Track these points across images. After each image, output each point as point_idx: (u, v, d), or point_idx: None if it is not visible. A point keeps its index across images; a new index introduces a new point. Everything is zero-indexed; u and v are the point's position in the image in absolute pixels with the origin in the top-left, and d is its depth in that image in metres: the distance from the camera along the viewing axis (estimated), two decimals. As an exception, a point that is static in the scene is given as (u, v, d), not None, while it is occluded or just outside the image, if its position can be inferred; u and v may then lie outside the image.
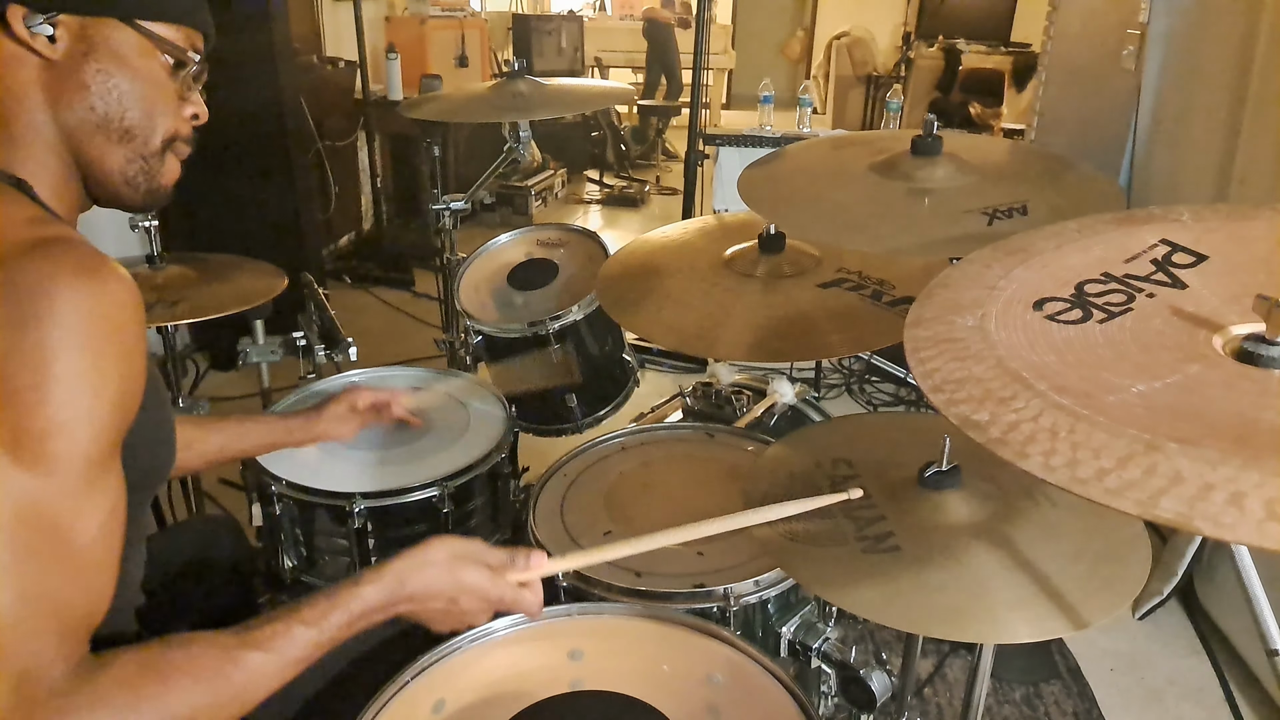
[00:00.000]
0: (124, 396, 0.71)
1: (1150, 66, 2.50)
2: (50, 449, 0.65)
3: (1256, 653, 1.81)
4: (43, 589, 0.66)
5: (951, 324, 0.77)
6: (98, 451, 0.69)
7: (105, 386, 0.69)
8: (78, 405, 0.67)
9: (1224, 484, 0.55)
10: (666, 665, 0.97)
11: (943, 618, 0.90)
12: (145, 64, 0.83)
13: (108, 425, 0.69)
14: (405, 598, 0.84)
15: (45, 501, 0.65)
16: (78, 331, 0.66)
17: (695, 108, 3.24)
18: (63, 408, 0.66)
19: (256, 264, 1.87)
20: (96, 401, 0.68)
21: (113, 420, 0.70)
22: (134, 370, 0.72)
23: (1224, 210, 0.87)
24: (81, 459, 0.67)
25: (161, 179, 0.88)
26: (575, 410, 1.89)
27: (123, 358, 0.70)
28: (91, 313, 0.67)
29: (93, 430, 0.68)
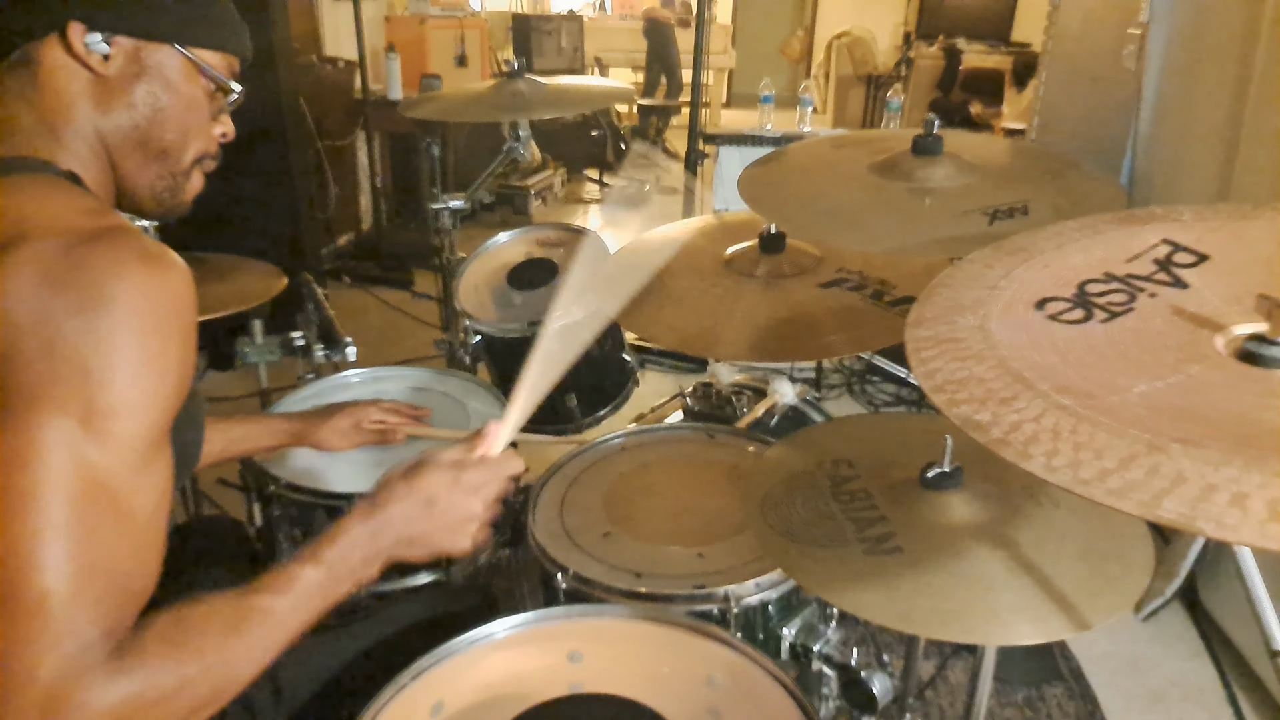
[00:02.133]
0: (181, 381, 0.74)
1: (1151, 66, 2.50)
2: (117, 426, 0.68)
3: (1259, 654, 1.80)
4: (103, 562, 0.68)
5: (953, 324, 0.77)
6: (158, 432, 0.72)
7: (168, 370, 0.72)
8: (144, 386, 0.70)
9: (1227, 485, 0.55)
10: (666, 667, 0.97)
11: (944, 619, 0.90)
12: (189, 88, 0.88)
13: (166, 408, 0.72)
14: (384, 520, 0.84)
15: (110, 475, 0.68)
16: (146, 316, 0.70)
17: (695, 107, 3.23)
18: (130, 388, 0.69)
19: (255, 264, 1.87)
20: (160, 384, 0.71)
21: (170, 403, 0.73)
22: (189, 356, 0.75)
23: (1225, 209, 0.87)
24: (144, 438, 0.70)
25: (185, 195, 0.94)
26: (575, 410, 1.88)
27: (182, 343, 0.73)
28: (158, 299, 0.70)
29: (155, 411, 0.71)
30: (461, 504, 0.87)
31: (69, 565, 0.65)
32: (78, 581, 0.66)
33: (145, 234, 0.74)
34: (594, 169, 6.31)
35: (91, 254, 0.69)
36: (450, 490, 0.87)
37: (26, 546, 0.64)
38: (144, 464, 0.71)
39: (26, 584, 0.64)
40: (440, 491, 0.86)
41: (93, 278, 0.68)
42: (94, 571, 0.67)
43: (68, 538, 0.65)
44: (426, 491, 0.86)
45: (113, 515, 0.68)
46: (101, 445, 0.67)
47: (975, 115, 5.92)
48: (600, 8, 8.86)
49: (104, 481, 0.68)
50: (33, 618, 0.64)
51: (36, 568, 0.64)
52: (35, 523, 0.64)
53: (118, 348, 0.68)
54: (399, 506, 0.85)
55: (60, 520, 0.65)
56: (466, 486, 0.87)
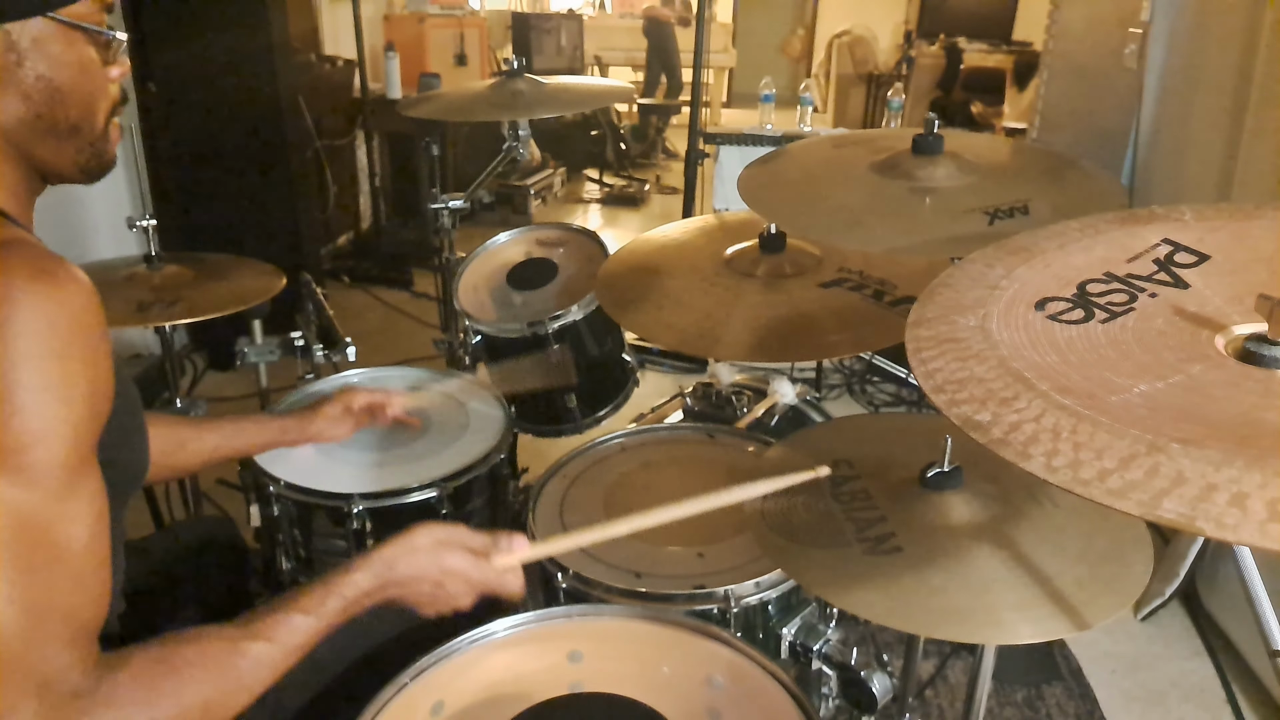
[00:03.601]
0: (95, 399, 0.70)
1: (1152, 65, 2.50)
2: (30, 460, 0.65)
3: (1259, 654, 1.80)
4: (47, 599, 0.66)
5: (953, 324, 0.77)
6: (77, 456, 0.68)
7: (75, 390, 0.68)
8: (51, 413, 0.66)
9: (1227, 485, 0.55)
10: (667, 667, 0.97)
11: (944, 619, 0.90)
12: (74, 52, 0.79)
13: (83, 429, 0.69)
14: (394, 582, 0.88)
15: (33, 512, 0.65)
16: (41, 337, 0.65)
17: (695, 106, 3.23)
18: (36, 417, 0.65)
19: (254, 264, 1.87)
20: (69, 407, 0.67)
21: (87, 424, 0.70)
22: (102, 372, 0.71)
23: (1226, 209, 0.87)
24: (61, 466, 0.67)
25: (109, 154, 0.86)
26: (575, 410, 1.88)
27: (89, 360, 0.69)
28: (53, 317, 0.66)
29: (69, 436, 0.67)
30: (460, 595, 0.92)
31: (12, 609, 0.63)
32: (23, 624, 0.63)
33: (38, 245, 0.69)
34: (594, 168, 6.31)
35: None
36: (462, 581, 0.91)
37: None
38: (70, 491, 0.68)
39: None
40: (453, 579, 0.91)
41: None
42: (42, 610, 0.65)
43: (5, 582, 0.63)
44: (443, 573, 0.90)
45: (47, 550, 0.66)
46: (16, 483, 0.64)
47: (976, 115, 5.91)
48: (600, 6, 8.86)
49: (29, 519, 0.65)
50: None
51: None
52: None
53: (15, 375, 0.63)
54: (412, 575, 0.89)
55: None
56: (475, 583, 0.92)
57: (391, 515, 1.40)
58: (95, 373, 0.70)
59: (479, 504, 1.51)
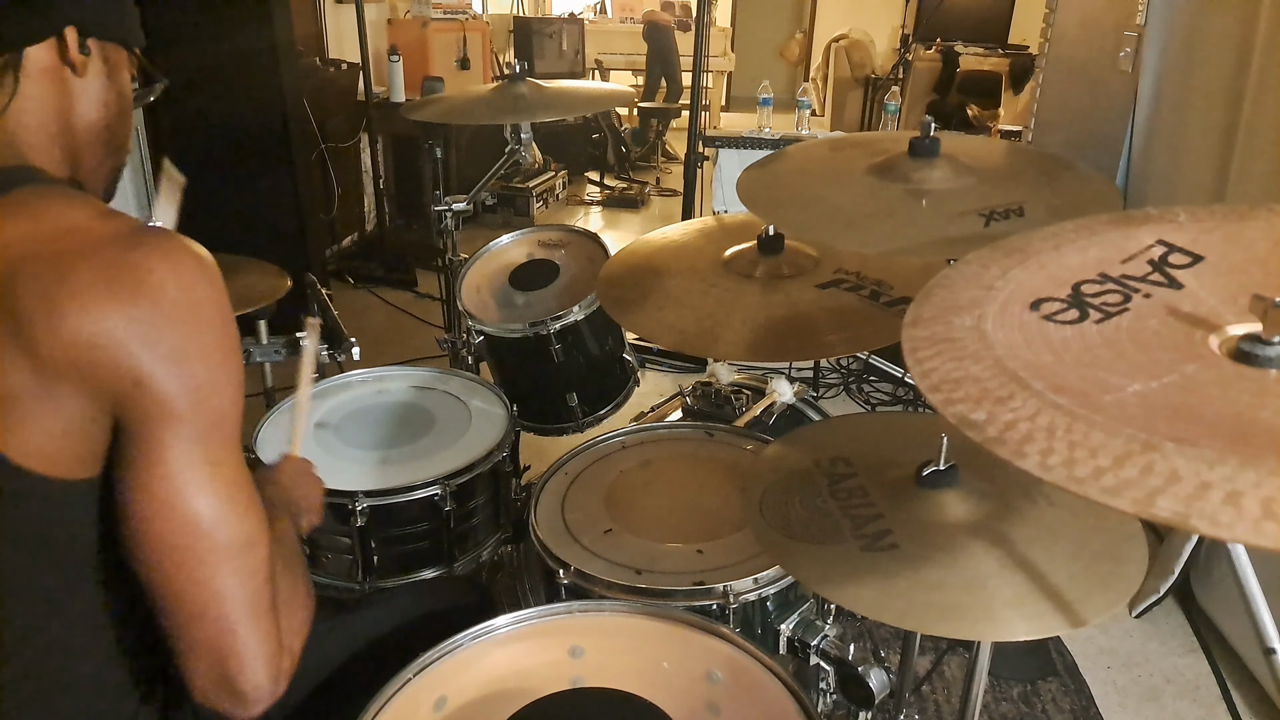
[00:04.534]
0: None
1: (1147, 68, 2.51)
2: (229, 425, 0.74)
3: (1253, 651, 1.81)
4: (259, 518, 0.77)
5: (949, 324, 0.78)
6: None
7: (239, 347, 0.77)
8: (238, 378, 0.76)
9: (1221, 483, 0.55)
10: (666, 662, 0.98)
11: (940, 615, 0.91)
12: (128, 82, 0.90)
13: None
14: (279, 490, 1.06)
15: (236, 462, 0.76)
16: (221, 310, 0.74)
17: (695, 110, 3.24)
18: (231, 387, 0.74)
19: (260, 264, 1.88)
20: (240, 369, 0.77)
21: None
22: None
23: (1221, 211, 0.87)
24: (239, 422, 0.76)
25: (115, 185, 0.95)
26: (576, 409, 1.89)
27: (233, 325, 0.78)
28: (220, 292, 0.75)
29: (242, 394, 0.77)
30: (311, 478, 1.14)
31: (248, 512, 0.75)
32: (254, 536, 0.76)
33: (172, 232, 0.76)
34: (595, 171, 6.31)
35: (137, 263, 0.70)
36: (301, 470, 1.13)
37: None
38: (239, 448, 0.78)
39: (226, 533, 0.73)
40: (297, 471, 1.13)
41: (166, 285, 0.70)
42: (257, 503, 0.77)
43: (238, 491, 0.74)
44: (291, 472, 1.11)
45: (245, 467, 0.77)
46: (234, 430, 0.74)
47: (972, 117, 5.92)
48: (601, 11, 8.85)
49: (238, 445, 0.76)
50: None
51: (227, 517, 0.73)
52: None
53: (215, 351, 0.72)
54: (284, 480, 1.09)
55: (229, 480, 0.74)
56: (304, 469, 1.14)
57: (395, 512, 1.41)
58: None
59: (481, 501, 1.52)
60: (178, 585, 0.72)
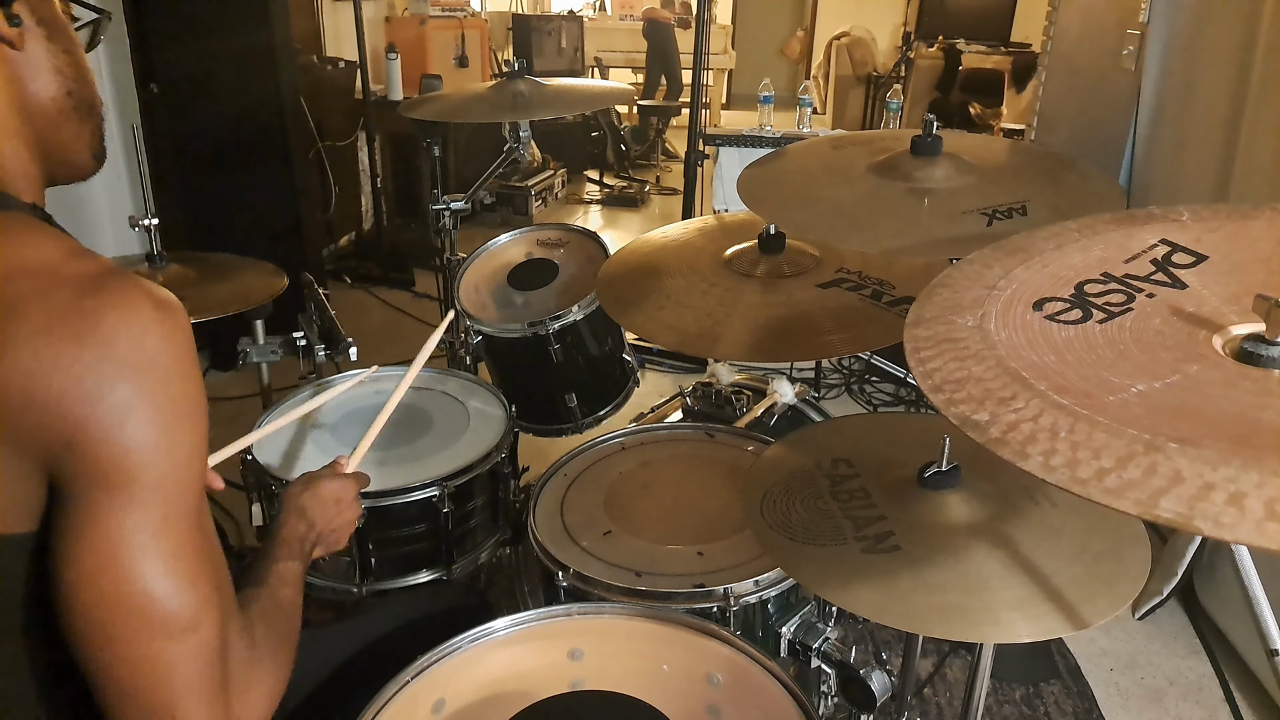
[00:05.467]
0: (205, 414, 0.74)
1: (1150, 66, 2.50)
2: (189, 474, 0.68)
3: (1256, 653, 1.81)
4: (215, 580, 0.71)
5: (951, 324, 0.77)
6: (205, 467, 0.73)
7: (203, 404, 0.70)
8: (199, 430, 0.69)
9: (1224, 484, 0.55)
10: (667, 665, 0.97)
11: (942, 617, 0.90)
12: (72, 35, 0.78)
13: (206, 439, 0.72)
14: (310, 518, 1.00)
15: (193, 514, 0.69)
16: (180, 364, 0.67)
17: (695, 108, 3.24)
18: (191, 438, 0.68)
19: (257, 264, 1.88)
20: (203, 423, 0.70)
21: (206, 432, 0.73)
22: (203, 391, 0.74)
23: (1224, 210, 0.87)
24: (200, 478, 0.70)
25: (105, 141, 0.84)
26: (575, 410, 1.89)
27: (201, 381, 0.71)
28: (182, 344, 0.67)
29: (203, 449, 0.71)
30: (351, 503, 1.06)
31: (196, 595, 0.68)
32: (209, 604, 0.69)
33: (132, 274, 0.68)
34: (594, 169, 6.31)
35: (102, 314, 0.63)
36: (339, 491, 1.05)
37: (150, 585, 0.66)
38: (203, 496, 0.72)
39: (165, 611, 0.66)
40: (338, 493, 1.04)
41: (116, 337, 0.63)
42: (215, 590, 0.70)
43: (186, 572, 0.67)
44: (331, 493, 1.03)
45: (205, 540, 0.70)
46: (179, 495, 0.67)
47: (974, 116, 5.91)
48: (600, 8, 8.84)
49: (193, 520, 0.69)
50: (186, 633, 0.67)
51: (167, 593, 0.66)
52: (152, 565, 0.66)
53: (164, 411, 0.65)
54: (316, 508, 1.01)
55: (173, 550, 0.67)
56: (349, 488, 1.07)
57: (393, 514, 1.40)
58: (204, 395, 0.72)
59: (480, 502, 1.52)
60: (106, 662, 0.65)
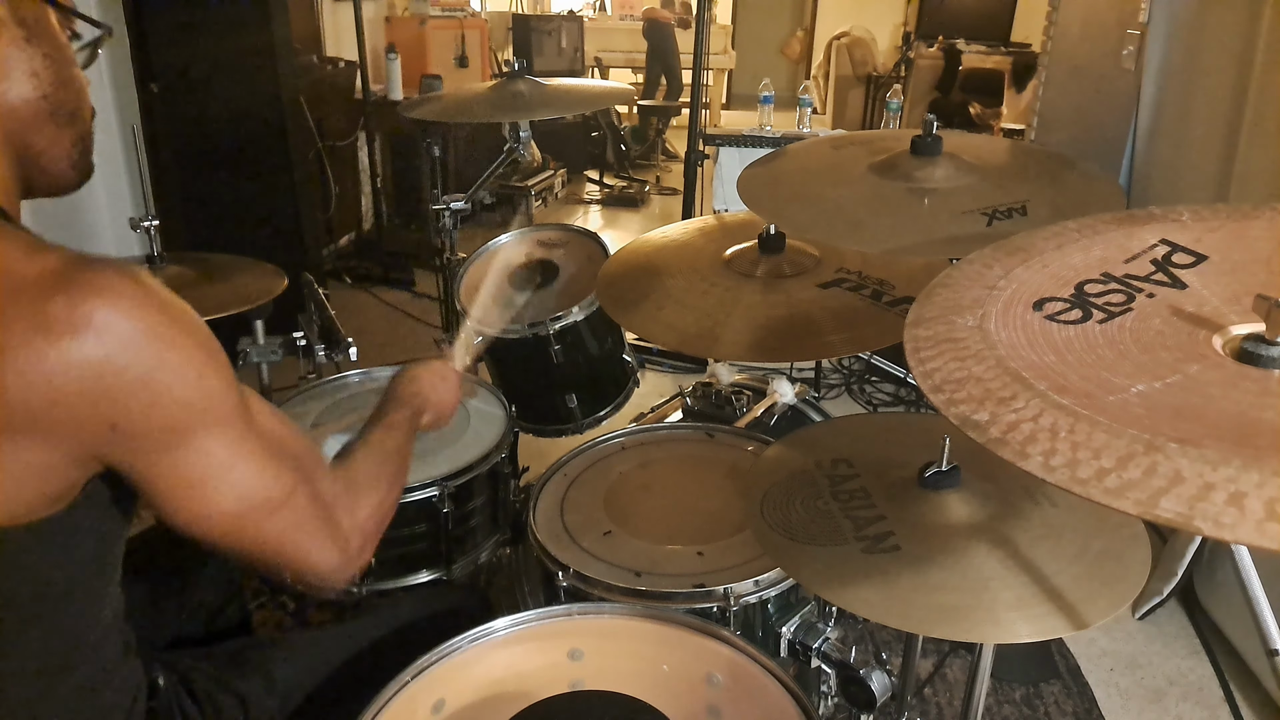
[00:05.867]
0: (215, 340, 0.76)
1: (1150, 66, 2.50)
2: (229, 399, 0.74)
3: (1257, 653, 1.81)
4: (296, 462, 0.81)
5: (951, 324, 0.77)
6: (238, 389, 0.77)
7: (212, 341, 0.73)
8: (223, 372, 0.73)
9: (1224, 484, 0.55)
10: (666, 665, 0.97)
11: (942, 618, 0.90)
12: (63, 39, 0.79)
13: (227, 360, 0.76)
14: (418, 387, 1.14)
15: (247, 434, 0.76)
16: (179, 329, 0.69)
17: (695, 108, 3.24)
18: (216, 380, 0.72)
19: (256, 264, 1.87)
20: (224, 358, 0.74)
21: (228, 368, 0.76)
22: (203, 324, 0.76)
23: (1224, 210, 0.87)
24: (240, 396, 0.75)
25: (92, 154, 0.85)
26: (575, 410, 1.89)
27: (196, 318, 0.73)
28: (170, 311, 0.69)
29: (229, 376, 0.75)
30: (453, 386, 1.20)
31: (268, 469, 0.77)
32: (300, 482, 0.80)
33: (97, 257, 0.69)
34: (594, 170, 6.31)
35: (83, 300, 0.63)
36: (446, 376, 1.18)
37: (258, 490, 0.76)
38: (250, 413, 0.77)
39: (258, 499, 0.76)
40: (443, 375, 1.18)
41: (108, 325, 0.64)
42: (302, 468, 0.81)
43: (272, 474, 0.77)
44: (437, 374, 1.17)
45: (270, 443, 0.78)
46: (233, 416, 0.74)
47: (974, 116, 5.91)
48: (600, 8, 8.84)
49: (242, 422, 0.75)
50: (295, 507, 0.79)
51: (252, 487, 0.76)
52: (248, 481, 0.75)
53: (186, 369, 0.69)
54: (424, 381, 1.15)
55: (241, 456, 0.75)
56: (453, 377, 1.20)
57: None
58: (204, 328, 0.74)
59: (480, 503, 1.51)
60: (244, 548, 0.78)
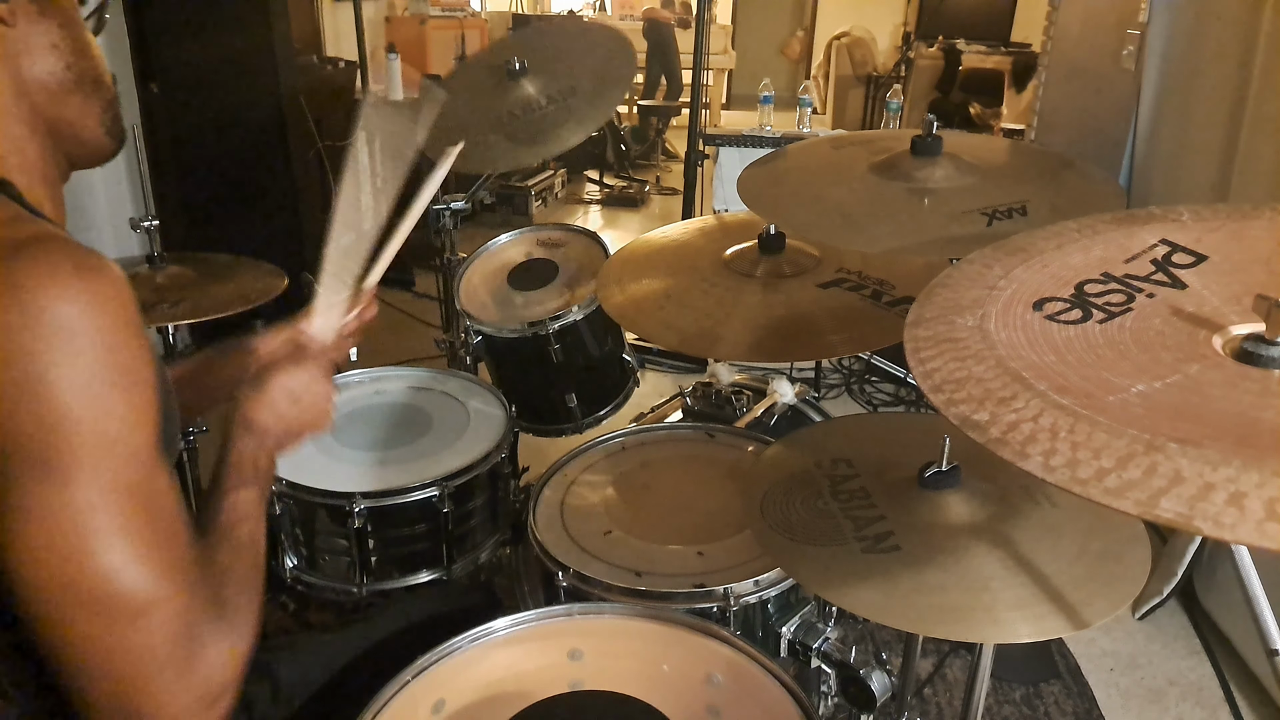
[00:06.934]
0: (153, 380, 0.69)
1: (1150, 66, 2.50)
2: (133, 444, 0.65)
3: (1256, 653, 1.81)
4: (171, 555, 0.67)
5: (952, 324, 0.77)
6: (154, 435, 0.68)
7: (145, 375, 0.67)
8: (136, 401, 0.65)
9: (1224, 484, 0.55)
10: (666, 665, 0.97)
11: (942, 618, 0.90)
12: (72, 13, 0.78)
13: (155, 407, 0.68)
14: (261, 427, 0.86)
15: (138, 488, 0.66)
16: (100, 333, 0.63)
17: (695, 108, 3.24)
18: (127, 410, 0.65)
19: (257, 264, 1.87)
20: (146, 392, 0.67)
21: (155, 402, 0.68)
22: (149, 351, 0.70)
23: (1224, 210, 0.87)
24: (146, 446, 0.66)
25: (122, 118, 0.83)
26: (575, 410, 1.89)
27: (143, 348, 0.67)
28: (104, 311, 0.64)
29: (151, 416, 0.67)
30: (316, 388, 0.90)
31: (148, 569, 0.65)
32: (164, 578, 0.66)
33: (70, 239, 0.67)
34: (594, 170, 6.31)
35: (14, 272, 0.60)
36: (301, 381, 0.89)
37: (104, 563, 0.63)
38: (157, 468, 0.68)
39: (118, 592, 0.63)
40: (294, 386, 0.88)
41: (34, 302, 0.60)
42: (169, 565, 0.66)
43: (135, 552, 0.64)
44: (284, 390, 0.87)
45: (157, 514, 0.67)
46: (119, 468, 0.64)
47: (974, 116, 5.92)
48: (600, 8, 8.85)
49: (139, 494, 0.65)
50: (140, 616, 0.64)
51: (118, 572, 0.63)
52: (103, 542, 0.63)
53: (93, 380, 0.62)
54: (267, 414, 0.86)
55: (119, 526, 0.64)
56: (313, 373, 0.90)
57: (393, 514, 1.41)
58: (148, 353, 0.68)
59: (479, 503, 1.51)
60: (66, 644, 0.63)
